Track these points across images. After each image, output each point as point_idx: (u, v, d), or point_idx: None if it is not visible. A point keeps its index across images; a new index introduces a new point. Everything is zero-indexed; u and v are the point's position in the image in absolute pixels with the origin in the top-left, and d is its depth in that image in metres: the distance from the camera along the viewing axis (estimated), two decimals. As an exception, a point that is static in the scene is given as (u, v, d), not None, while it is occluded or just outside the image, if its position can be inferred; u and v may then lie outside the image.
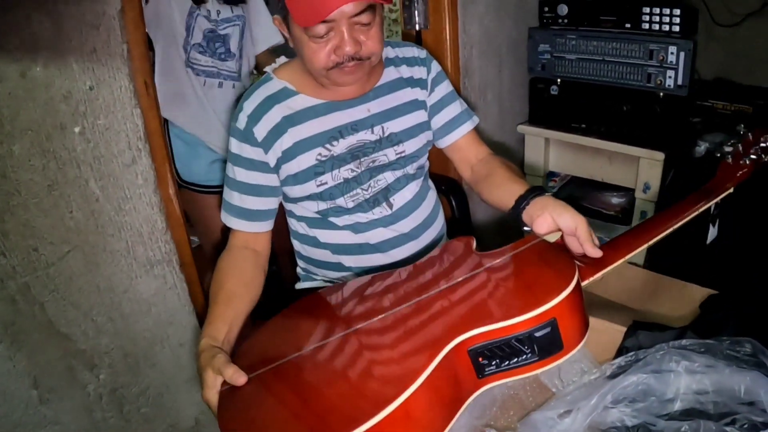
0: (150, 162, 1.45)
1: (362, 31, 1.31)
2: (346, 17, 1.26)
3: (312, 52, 1.31)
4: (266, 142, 1.42)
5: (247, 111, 1.43)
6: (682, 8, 2.13)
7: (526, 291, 1.10)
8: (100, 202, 1.39)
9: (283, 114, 1.42)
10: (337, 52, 1.30)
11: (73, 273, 1.38)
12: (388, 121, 1.49)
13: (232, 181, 1.47)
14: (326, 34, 1.28)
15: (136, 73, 1.38)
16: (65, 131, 1.30)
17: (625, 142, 2.33)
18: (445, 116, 1.60)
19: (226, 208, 1.48)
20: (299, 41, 1.33)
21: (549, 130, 2.56)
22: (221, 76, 2.11)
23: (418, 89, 1.56)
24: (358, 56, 1.32)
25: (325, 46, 1.30)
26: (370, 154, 1.47)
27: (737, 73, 2.49)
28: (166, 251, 1.53)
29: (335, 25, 1.27)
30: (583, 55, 2.36)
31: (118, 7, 1.33)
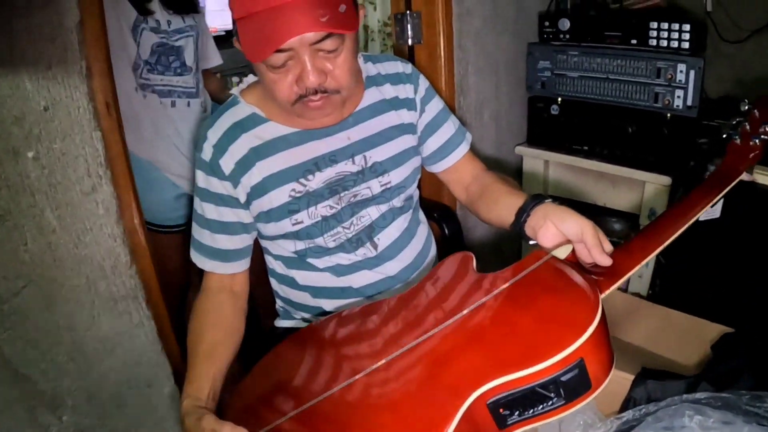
0: (112, 190, 1.35)
1: (328, 59, 1.16)
2: (305, 44, 1.11)
3: (272, 83, 1.17)
4: (234, 176, 1.30)
5: (211, 141, 1.30)
6: (692, 24, 2.05)
7: (546, 327, 0.96)
8: (57, 234, 1.29)
9: (250, 145, 1.30)
10: (299, 84, 1.16)
11: (30, 310, 1.28)
12: (371, 150, 1.37)
13: (202, 219, 1.35)
14: (285, 64, 1.14)
15: (97, 92, 1.28)
16: (18, 156, 1.20)
17: (630, 166, 2.23)
18: (439, 139, 1.48)
19: (197, 248, 1.38)
20: (258, 70, 1.20)
21: (549, 152, 2.46)
22: (175, 93, 2.00)
23: (404, 111, 1.43)
24: (323, 89, 1.17)
25: (285, 76, 1.16)
26: (350, 187, 1.35)
27: (744, 90, 2.40)
28: (131, 286, 1.43)
29: (294, 53, 1.12)
30: (586, 72, 2.26)
31: (77, 19, 1.23)
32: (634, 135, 2.22)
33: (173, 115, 1.99)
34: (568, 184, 2.51)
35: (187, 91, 2.03)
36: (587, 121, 2.32)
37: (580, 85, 2.29)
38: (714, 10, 2.35)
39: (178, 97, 2.00)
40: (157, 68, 1.93)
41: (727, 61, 2.37)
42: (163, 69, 1.95)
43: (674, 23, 2.07)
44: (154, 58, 1.93)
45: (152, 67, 1.93)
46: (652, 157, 2.19)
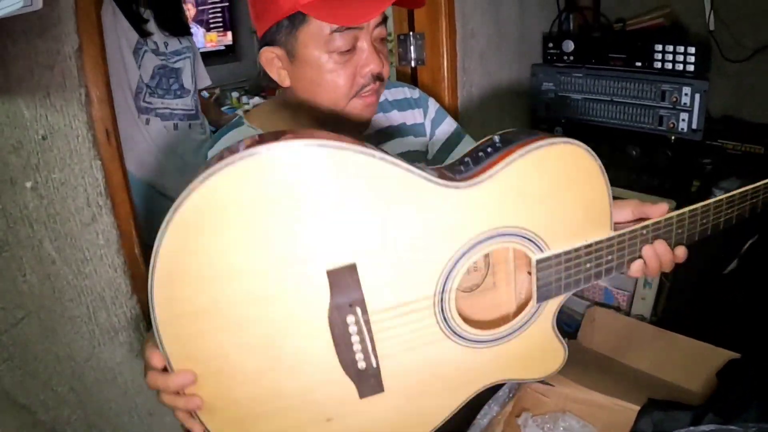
0: (112, 220, 1.32)
1: (381, 50, 1.18)
2: (370, 28, 1.13)
3: (335, 75, 1.15)
4: None
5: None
6: (697, 47, 2.04)
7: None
8: (56, 265, 1.26)
9: None
10: (362, 72, 1.16)
11: (29, 340, 1.26)
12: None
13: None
14: (348, 52, 1.13)
15: (96, 120, 1.26)
16: (15, 186, 1.18)
17: (634, 189, 2.19)
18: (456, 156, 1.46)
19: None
20: (315, 67, 1.15)
21: (552, 174, 2.42)
22: (176, 116, 1.99)
23: (411, 137, 1.41)
24: (382, 77, 1.18)
25: (347, 64, 1.15)
26: None
27: (747, 110, 2.40)
28: (132, 316, 1.40)
29: (357, 38, 1.13)
30: (590, 94, 2.26)
31: (75, 45, 1.21)
32: (638, 158, 2.22)
33: (175, 138, 1.99)
34: (571, 205, 2.48)
35: (187, 114, 2.02)
36: (590, 143, 2.27)
37: (584, 107, 2.28)
38: (717, 29, 2.35)
39: (179, 120, 2.00)
40: (157, 92, 1.93)
41: (729, 80, 2.37)
42: (164, 92, 1.94)
43: (679, 46, 2.06)
44: (155, 81, 1.92)
45: (153, 91, 1.92)
46: (656, 180, 2.18)
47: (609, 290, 2.32)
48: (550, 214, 0.98)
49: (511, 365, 1.06)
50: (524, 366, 1.08)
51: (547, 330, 1.06)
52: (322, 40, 1.13)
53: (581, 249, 1.01)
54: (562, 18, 2.49)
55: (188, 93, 2.03)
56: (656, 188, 2.17)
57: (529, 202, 0.96)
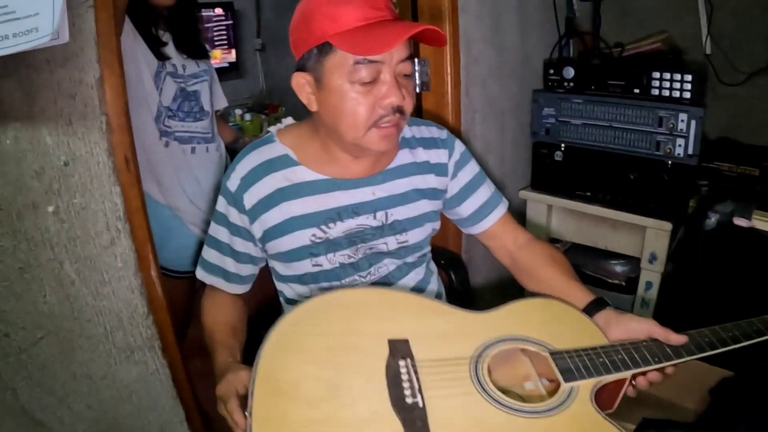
0: (130, 243, 1.34)
1: (404, 85, 1.23)
2: (394, 62, 1.19)
3: (355, 103, 1.21)
4: (254, 212, 1.34)
5: (240, 173, 1.35)
6: (694, 74, 2.07)
7: None
8: (75, 286, 1.28)
9: (277, 186, 1.33)
10: (382, 104, 1.21)
11: (47, 359, 1.27)
12: (394, 208, 1.39)
13: (214, 240, 1.43)
14: (370, 83, 1.20)
15: (116, 147, 1.28)
16: (38, 210, 1.20)
17: (631, 211, 2.26)
18: (475, 202, 1.51)
19: (204, 266, 1.47)
20: (338, 95, 1.22)
21: (552, 197, 2.47)
22: (194, 140, 2.00)
23: (432, 176, 1.46)
24: (402, 109, 1.23)
25: (368, 94, 1.20)
26: (369, 240, 1.37)
27: (742, 132, 2.45)
28: (148, 336, 1.42)
29: (380, 71, 1.20)
30: (589, 120, 2.28)
31: (97, 75, 1.23)
32: (636, 181, 2.24)
33: (192, 162, 1.99)
34: (570, 227, 2.53)
35: (205, 137, 2.02)
36: (590, 167, 2.33)
37: (583, 132, 2.31)
38: (713, 53, 2.40)
39: (197, 143, 1.99)
40: (178, 114, 1.93)
41: (725, 103, 2.41)
42: (184, 115, 1.94)
43: (676, 73, 2.10)
44: (176, 105, 1.93)
45: (174, 114, 1.92)
46: (653, 203, 2.21)
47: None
48: (549, 334, 1.24)
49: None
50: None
51: (591, 413, 1.11)
52: (346, 70, 1.19)
53: (588, 348, 1.21)
54: (562, 42, 2.53)
55: (207, 115, 2.03)
56: (653, 211, 2.20)
57: (527, 324, 1.26)
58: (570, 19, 2.55)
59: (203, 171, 2.02)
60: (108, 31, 1.23)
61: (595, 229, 2.44)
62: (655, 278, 2.25)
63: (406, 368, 1.11)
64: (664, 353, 1.19)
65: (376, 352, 1.14)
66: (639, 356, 1.18)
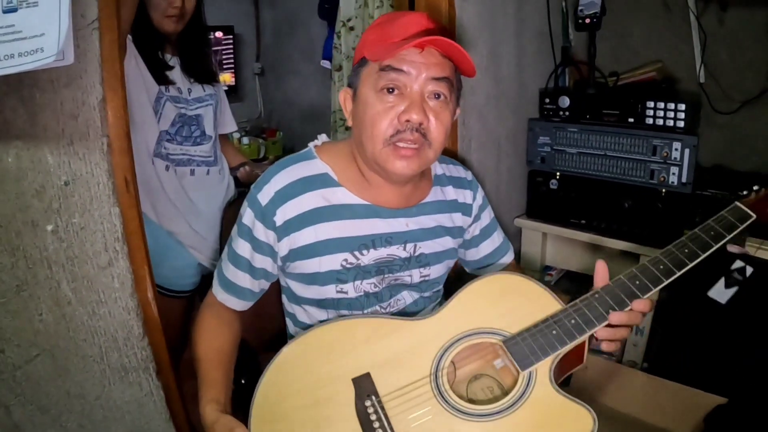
0: (127, 264, 1.33)
1: (433, 108, 1.24)
2: (420, 78, 1.21)
3: (376, 113, 1.23)
4: (284, 229, 1.31)
5: (275, 186, 1.32)
6: (687, 103, 2.10)
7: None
8: (72, 305, 1.28)
9: (315, 205, 1.32)
10: (401, 118, 1.21)
11: (41, 377, 1.26)
12: (423, 241, 1.40)
13: (233, 253, 1.39)
14: (396, 91, 1.22)
15: (117, 168, 1.28)
16: (37, 229, 1.20)
17: (626, 239, 2.27)
18: (489, 246, 1.56)
19: (221, 281, 1.43)
20: (364, 104, 1.26)
21: (547, 225, 2.49)
22: (193, 162, 2.00)
23: (458, 214, 1.49)
24: (423, 130, 1.23)
25: (390, 109, 1.22)
26: (396, 271, 1.38)
27: (736, 159, 2.46)
28: (143, 357, 1.41)
29: (409, 82, 1.22)
30: (584, 149, 2.30)
31: (100, 97, 1.24)
32: (630, 210, 2.25)
33: (191, 185, 1.99)
34: (565, 255, 2.54)
35: (205, 160, 2.03)
36: (585, 195, 2.35)
37: (578, 161, 2.33)
38: (707, 81, 2.42)
39: (197, 166, 2.00)
40: (176, 138, 1.94)
41: (719, 130, 2.43)
42: (182, 140, 1.95)
43: (670, 103, 2.12)
44: (175, 129, 1.93)
45: (172, 138, 1.93)
46: (647, 231, 2.22)
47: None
48: (500, 316, 1.26)
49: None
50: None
51: (552, 394, 1.16)
52: (373, 79, 1.24)
53: (539, 323, 1.22)
54: (558, 72, 2.56)
55: (209, 140, 2.03)
56: (647, 238, 2.22)
57: (476, 314, 1.27)
58: (566, 48, 2.58)
59: (203, 194, 2.02)
60: (112, 54, 1.24)
61: (590, 257, 2.44)
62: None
63: (373, 407, 1.16)
64: (618, 300, 1.21)
65: (345, 397, 1.18)
66: (593, 315, 1.20)
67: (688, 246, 1.27)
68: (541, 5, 2.44)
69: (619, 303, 1.20)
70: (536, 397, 1.16)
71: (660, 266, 1.23)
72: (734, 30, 2.37)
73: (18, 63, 0.94)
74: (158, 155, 1.91)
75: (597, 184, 2.31)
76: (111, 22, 1.23)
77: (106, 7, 1.21)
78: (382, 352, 1.24)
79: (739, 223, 1.31)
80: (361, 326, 1.29)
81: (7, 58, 0.92)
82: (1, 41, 0.92)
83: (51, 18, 0.95)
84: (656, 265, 1.24)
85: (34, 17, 0.95)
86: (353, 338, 1.27)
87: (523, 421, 1.14)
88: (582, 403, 1.13)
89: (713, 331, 1.92)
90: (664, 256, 1.25)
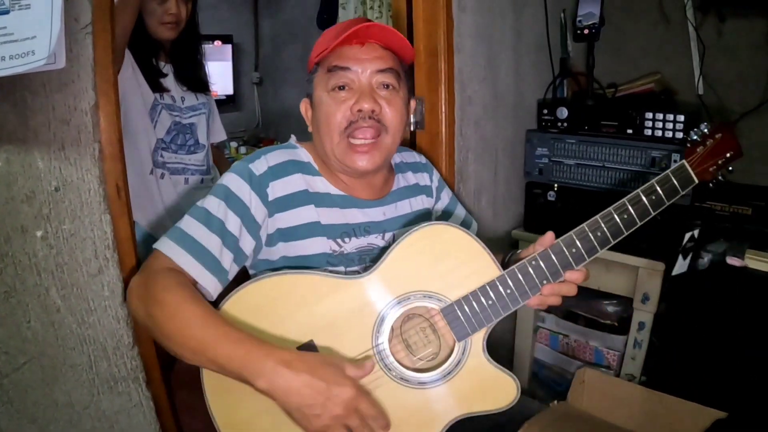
0: (118, 273, 1.32)
1: (384, 96, 1.31)
2: (366, 72, 1.29)
3: (329, 109, 1.30)
4: (275, 206, 1.30)
5: (269, 161, 1.33)
6: (686, 115, 2.09)
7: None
8: (61, 313, 1.27)
9: (303, 187, 1.34)
10: (354, 108, 1.28)
11: (29, 386, 1.25)
12: (399, 229, 1.43)
13: (203, 213, 1.27)
14: (345, 87, 1.29)
15: (108, 175, 1.28)
16: (26, 234, 1.19)
17: (624, 251, 2.22)
18: (455, 222, 1.54)
19: (177, 238, 1.25)
20: (319, 105, 1.33)
21: (544, 237, 2.44)
22: (188, 171, 2.00)
23: (423, 196, 1.54)
24: (377, 117, 1.29)
25: (342, 102, 1.29)
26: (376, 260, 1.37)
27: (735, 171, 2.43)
28: (132, 367, 1.40)
29: (356, 77, 1.29)
30: (583, 160, 2.29)
31: (92, 102, 1.24)
32: (629, 221, 2.22)
33: (185, 193, 1.99)
34: (561, 267, 2.50)
35: (199, 169, 2.02)
36: (583, 207, 2.30)
37: (576, 173, 2.31)
38: (705, 93, 2.42)
39: (191, 175, 2.00)
40: (171, 147, 1.93)
41: (717, 142, 2.42)
42: (177, 148, 1.94)
43: (669, 114, 2.11)
44: (170, 137, 1.93)
45: (167, 146, 1.92)
46: (646, 244, 2.19)
47: (599, 350, 2.34)
48: (438, 277, 1.27)
49: (466, 399, 1.28)
50: (479, 399, 1.28)
51: (484, 364, 1.28)
52: (324, 81, 1.32)
53: (476, 291, 1.26)
54: (556, 83, 2.55)
55: (202, 148, 2.03)
56: (645, 250, 2.19)
57: (415, 273, 1.27)
58: (564, 59, 2.57)
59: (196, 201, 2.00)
60: (105, 59, 1.24)
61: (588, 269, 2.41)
62: (647, 318, 2.23)
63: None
64: (553, 270, 1.27)
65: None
66: (528, 285, 1.27)
67: (627, 212, 1.36)
68: (539, 16, 2.43)
69: (554, 273, 1.28)
70: (470, 366, 1.27)
71: (598, 233, 1.32)
72: (733, 41, 2.37)
73: (9, 66, 0.93)
74: (155, 163, 1.90)
75: (595, 196, 2.29)
76: (105, 26, 1.23)
77: (101, 11, 1.21)
78: (322, 316, 1.24)
79: (682, 189, 1.42)
80: (298, 284, 1.26)
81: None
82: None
83: (43, 21, 0.95)
84: (594, 231, 1.32)
85: (26, 20, 0.94)
86: (291, 298, 1.25)
87: (458, 389, 1.26)
88: (509, 373, 1.27)
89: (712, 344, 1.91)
90: (603, 221, 1.34)
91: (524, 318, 2.55)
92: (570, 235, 1.30)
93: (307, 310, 1.24)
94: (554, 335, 2.52)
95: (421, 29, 1.99)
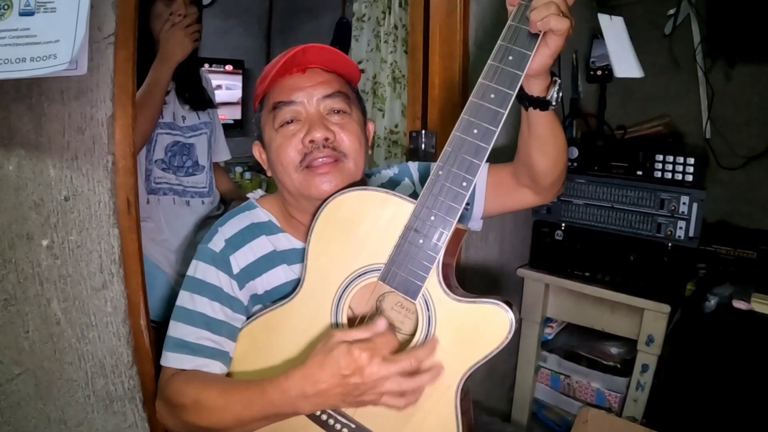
0: (122, 289, 1.29)
1: (337, 122, 1.23)
2: (312, 101, 1.22)
3: (280, 146, 1.23)
4: (244, 276, 1.28)
5: (225, 234, 1.30)
6: (696, 157, 2.09)
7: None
8: (60, 326, 1.23)
9: (266, 251, 1.30)
10: (305, 140, 1.20)
11: (22, 398, 1.21)
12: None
13: (185, 313, 1.27)
14: (293, 121, 1.22)
15: (120, 188, 1.25)
16: (32, 242, 1.16)
17: (630, 293, 2.23)
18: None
19: (175, 347, 1.26)
20: (270, 144, 1.26)
21: (550, 276, 2.44)
22: (188, 193, 1.96)
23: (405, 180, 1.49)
24: (331, 144, 1.21)
25: (292, 136, 1.22)
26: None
27: (740, 216, 2.47)
28: (130, 387, 1.36)
29: (302, 108, 1.22)
30: (591, 200, 2.29)
31: (109, 113, 1.22)
32: (635, 263, 2.22)
33: (186, 215, 1.96)
34: (567, 307, 2.50)
35: (199, 192, 1.99)
36: (590, 247, 2.32)
37: (584, 213, 2.31)
38: (712, 137, 2.44)
39: (191, 197, 1.96)
40: (171, 167, 1.90)
41: (724, 186, 2.43)
42: (176, 169, 1.91)
43: (679, 156, 2.12)
44: (168, 157, 1.90)
45: (167, 167, 1.90)
46: (652, 285, 2.19)
47: (601, 392, 2.31)
48: (359, 250, 1.17)
49: (458, 353, 1.12)
50: (471, 346, 1.11)
51: (456, 307, 1.11)
52: (270, 120, 1.25)
53: (400, 240, 1.12)
54: (566, 123, 2.55)
55: (202, 170, 1.99)
56: (651, 292, 2.18)
57: (336, 262, 1.19)
58: (575, 99, 2.59)
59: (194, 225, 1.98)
60: (125, 70, 1.22)
61: (593, 310, 2.41)
62: (651, 360, 2.21)
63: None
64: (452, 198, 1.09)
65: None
66: (449, 200, 1.08)
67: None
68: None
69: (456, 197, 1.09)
70: (443, 318, 1.12)
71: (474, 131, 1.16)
72: (741, 86, 2.39)
73: (29, 68, 0.92)
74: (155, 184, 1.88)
75: (603, 236, 2.29)
76: (127, 37, 1.22)
77: (124, 21, 1.20)
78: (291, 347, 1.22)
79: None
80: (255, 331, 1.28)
81: (19, 62, 0.90)
82: (15, 44, 0.90)
83: (68, 25, 0.94)
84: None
85: (51, 23, 0.93)
86: (261, 345, 1.27)
87: (444, 349, 1.12)
88: (489, 301, 1.10)
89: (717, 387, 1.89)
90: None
91: (526, 357, 2.52)
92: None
93: (278, 346, 1.24)
94: (555, 375, 2.50)
95: (438, 63, 2.00)
